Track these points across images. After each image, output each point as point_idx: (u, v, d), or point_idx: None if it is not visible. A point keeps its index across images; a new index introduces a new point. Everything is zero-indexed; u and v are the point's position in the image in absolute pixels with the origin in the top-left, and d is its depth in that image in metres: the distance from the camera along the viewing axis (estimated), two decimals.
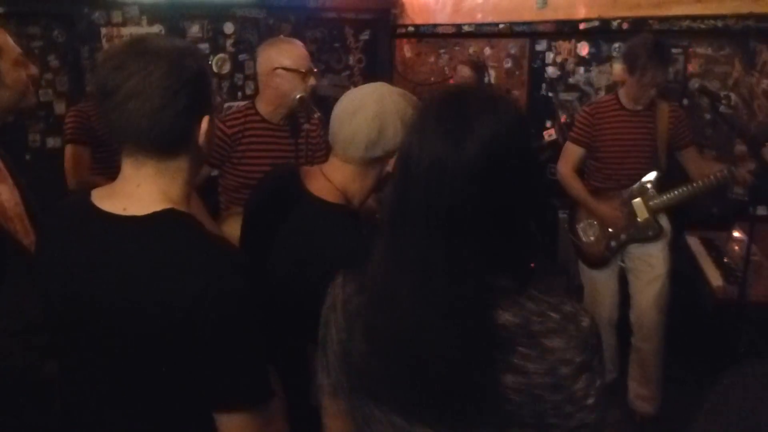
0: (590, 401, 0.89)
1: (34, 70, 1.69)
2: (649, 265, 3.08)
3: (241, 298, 1.05)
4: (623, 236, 3.12)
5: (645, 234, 3.08)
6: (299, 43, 2.55)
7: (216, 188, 2.64)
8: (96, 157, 3.09)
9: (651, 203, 3.06)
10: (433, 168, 0.89)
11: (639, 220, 3.08)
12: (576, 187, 3.18)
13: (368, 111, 1.42)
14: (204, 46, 4.36)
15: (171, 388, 1.07)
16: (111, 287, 1.05)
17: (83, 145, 3.06)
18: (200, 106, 1.13)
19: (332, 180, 1.48)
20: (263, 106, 2.54)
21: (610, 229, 3.13)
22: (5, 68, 1.60)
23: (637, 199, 3.08)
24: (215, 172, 2.61)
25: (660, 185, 3.07)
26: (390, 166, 1.48)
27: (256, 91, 2.68)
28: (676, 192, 3.02)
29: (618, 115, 3.07)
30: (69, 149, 3.08)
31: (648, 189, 3.07)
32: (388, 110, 1.43)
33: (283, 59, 2.44)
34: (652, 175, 3.06)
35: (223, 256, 1.08)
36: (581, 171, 3.25)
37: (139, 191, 1.11)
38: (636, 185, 3.09)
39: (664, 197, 3.04)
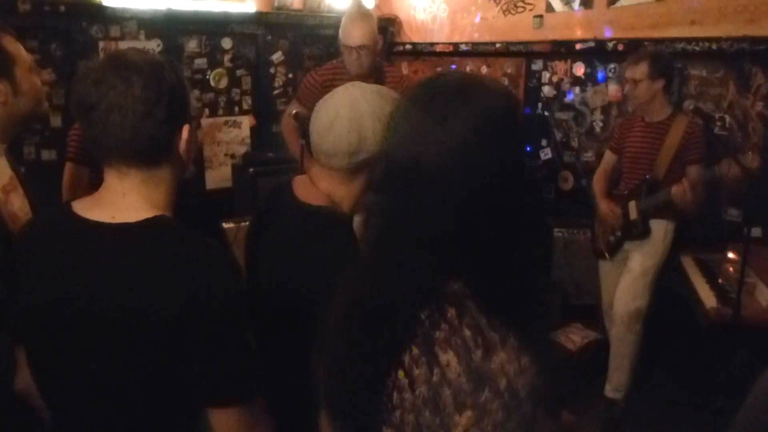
0: None
1: (45, 75, 1.70)
2: (629, 259, 3.33)
3: (231, 299, 1.09)
4: (618, 233, 3.37)
5: (631, 232, 3.30)
6: (358, 22, 3.09)
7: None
8: (92, 176, 3.07)
9: (639, 205, 3.26)
10: (410, 168, 0.85)
11: (630, 219, 3.29)
12: (595, 186, 3.53)
13: (344, 119, 1.41)
14: (201, 61, 4.38)
15: (164, 387, 1.10)
16: (103, 294, 1.06)
17: (83, 165, 3.04)
18: (180, 115, 1.16)
19: (318, 186, 1.49)
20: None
21: (610, 226, 3.39)
22: (20, 76, 1.62)
23: (632, 201, 3.28)
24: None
25: (653, 190, 3.21)
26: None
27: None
28: (657, 195, 3.17)
29: (637, 127, 3.34)
30: (69, 167, 3.06)
31: (641, 192, 3.26)
32: (363, 113, 1.41)
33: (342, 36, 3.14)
34: (646, 179, 3.26)
35: (214, 259, 1.11)
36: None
37: (125, 201, 1.14)
38: (634, 188, 3.31)
39: (648, 200, 3.22)
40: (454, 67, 4.92)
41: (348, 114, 1.41)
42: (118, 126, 1.09)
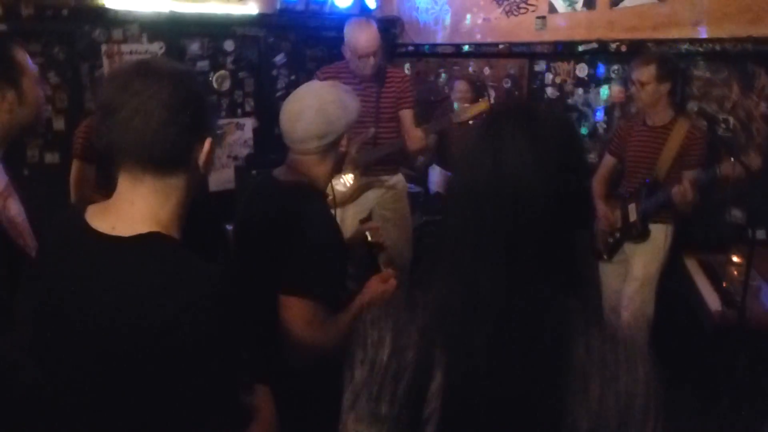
0: None
1: (48, 89, 1.74)
2: (630, 265, 3.33)
3: (214, 328, 1.03)
4: (617, 234, 3.38)
5: (630, 233, 3.30)
6: (364, 32, 3.24)
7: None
8: (100, 174, 3.08)
9: (639, 207, 3.25)
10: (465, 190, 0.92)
11: (630, 221, 3.28)
12: (594, 189, 3.47)
13: (311, 108, 1.68)
14: (204, 64, 4.38)
15: (145, 413, 1.06)
16: (93, 305, 1.05)
17: (89, 162, 3.05)
18: (202, 126, 1.15)
19: (297, 169, 1.76)
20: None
21: (609, 227, 3.39)
22: (27, 87, 1.64)
23: (632, 204, 3.28)
24: None
25: (653, 192, 3.19)
26: (344, 146, 1.76)
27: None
28: (657, 196, 3.16)
29: (639, 130, 3.31)
30: (75, 164, 3.07)
31: (641, 194, 3.24)
32: (326, 100, 1.68)
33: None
34: (646, 182, 3.25)
35: (202, 282, 1.06)
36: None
37: (131, 210, 1.12)
38: (634, 191, 3.29)
39: (648, 200, 3.20)
40: (456, 68, 4.92)
41: (314, 103, 1.68)
42: (140, 130, 1.07)
